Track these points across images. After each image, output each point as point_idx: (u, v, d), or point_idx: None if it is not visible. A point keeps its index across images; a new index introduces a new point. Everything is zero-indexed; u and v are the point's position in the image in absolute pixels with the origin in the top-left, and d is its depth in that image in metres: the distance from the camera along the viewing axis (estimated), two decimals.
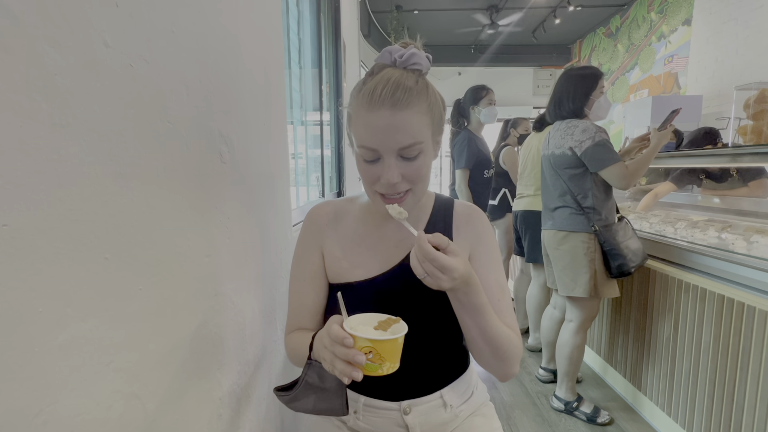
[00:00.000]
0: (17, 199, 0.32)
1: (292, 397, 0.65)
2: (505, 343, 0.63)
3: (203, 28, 0.62)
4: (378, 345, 0.49)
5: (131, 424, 0.45)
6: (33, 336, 0.33)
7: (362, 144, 0.61)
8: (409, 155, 0.60)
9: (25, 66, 0.32)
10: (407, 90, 0.58)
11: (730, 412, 1.31)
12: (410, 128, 0.59)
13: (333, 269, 0.72)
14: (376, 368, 0.50)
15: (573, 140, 1.56)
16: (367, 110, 0.59)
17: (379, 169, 0.61)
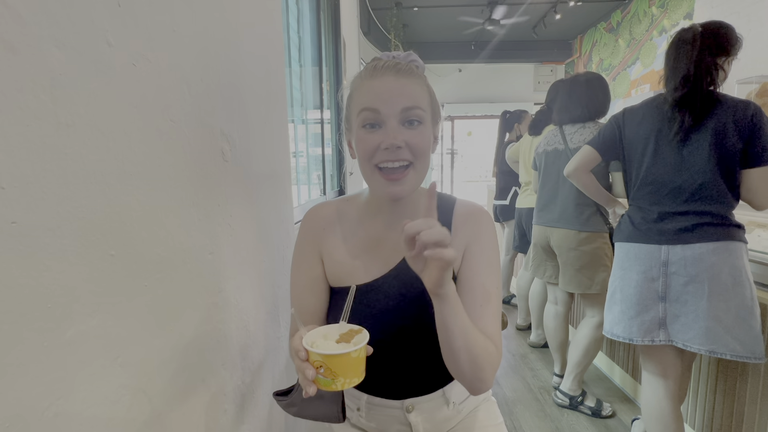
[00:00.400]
0: (25, 197, 0.32)
1: (289, 402, 0.66)
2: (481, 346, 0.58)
3: (204, 27, 0.62)
4: (328, 360, 0.48)
5: (138, 419, 0.46)
6: (42, 331, 0.34)
7: (364, 107, 0.60)
8: (412, 118, 0.61)
9: (31, 66, 0.32)
10: (408, 67, 0.63)
11: (731, 405, 1.31)
12: (413, 93, 0.61)
13: (333, 273, 0.71)
14: (330, 383, 0.48)
15: None
16: (370, 78, 0.62)
17: (379, 136, 0.60)
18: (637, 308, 1.20)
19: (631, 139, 1.27)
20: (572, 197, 1.68)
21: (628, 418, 1.70)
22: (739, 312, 1.09)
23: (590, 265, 1.65)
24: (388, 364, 0.68)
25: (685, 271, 1.13)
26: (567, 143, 1.69)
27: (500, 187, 2.88)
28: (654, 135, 1.21)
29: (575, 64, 6.69)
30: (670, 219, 1.17)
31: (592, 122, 1.67)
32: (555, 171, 1.74)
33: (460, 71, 6.92)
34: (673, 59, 1.23)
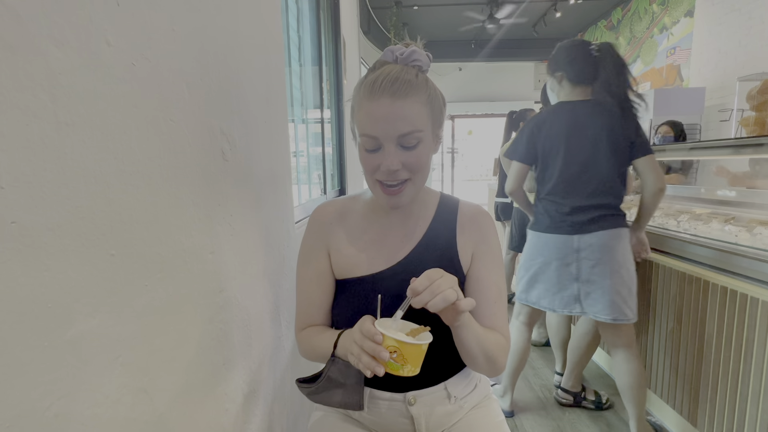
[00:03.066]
0: (25, 196, 0.32)
1: (314, 389, 0.68)
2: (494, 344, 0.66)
3: (203, 26, 0.62)
4: (403, 347, 0.52)
5: (140, 418, 0.46)
6: (43, 331, 0.34)
7: (363, 132, 0.63)
8: (409, 144, 0.62)
9: (30, 65, 0.32)
10: (406, 82, 0.61)
11: (734, 403, 1.31)
12: (409, 116, 0.61)
13: (339, 266, 0.73)
14: (398, 368, 0.53)
15: None
16: (368, 100, 0.61)
17: (379, 158, 0.62)
18: (557, 287, 1.47)
19: (545, 144, 1.46)
20: None
21: (628, 415, 1.70)
22: (630, 285, 1.43)
23: None
24: None
25: (593, 256, 1.39)
26: None
27: (502, 185, 2.87)
28: (565, 138, 1.42)
29: None
30: (579, 211, 1.41)
31: None
32: None
33: (460, 70, 6.92)
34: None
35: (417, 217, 0.73)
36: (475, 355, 0.64)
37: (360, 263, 0.72)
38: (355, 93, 0.66)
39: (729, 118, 3.21)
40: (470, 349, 0.63)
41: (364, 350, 0.54)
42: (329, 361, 0.65)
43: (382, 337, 0.52)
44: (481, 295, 0.71)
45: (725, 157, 2.27)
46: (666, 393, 1.63)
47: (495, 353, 0.66)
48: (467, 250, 0.73)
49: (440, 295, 0.52)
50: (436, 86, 0.68)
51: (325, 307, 0.75)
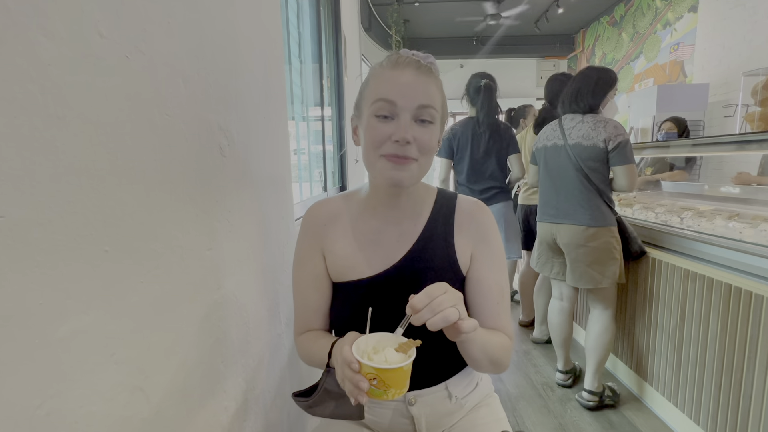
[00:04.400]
0: (14, 190, 0.31)
1: (311, 403, 0.66)
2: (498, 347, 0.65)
3: (200, 19, 0.61)
4: (382, 373, 0.50)
5: (135, 417, 0.46)
6: (33, 329, 0.33)
7: (381, 97, 0.61)
8: (425, 117, 0.62)
9: (17, 55, 0.32)
10: (427, 66, 0.64)
11: (737, 401, 1.30)
12: (430, 92, 0.62)
13: (335, 269, 0.71)
14: (381, 394, 0.51)
15: (607, 132, 1.56)
16: (391, 69, 0.62)
17: (391, 128, 0.61)
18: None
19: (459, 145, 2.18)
20: (576, 193, 1.66)
21: (634, 416, 1.69)
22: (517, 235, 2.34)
23: (600, 260, 1.64)
24: None
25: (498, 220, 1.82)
26: (566, 139, 1.67)
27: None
28: (469, 143, 2.15)
29: (578, 58, 6.64)
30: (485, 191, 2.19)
31: (591, 115, 1.64)
32: (555, 167, 1.73)
33: (461, 67, 6.88)
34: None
35: (413, 215, 0.71)
36: (479, 360, 0.63)
37: (356, 266, 0.70)
38: (372, 69, 0.66)
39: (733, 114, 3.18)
40: (475, 357, 0.62)
41: (345, 376, 0.52)
42: (324, 373, 0.63)
43: (358, 365, 0.50)
44: (482, 296, 0.69)
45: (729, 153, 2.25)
46: (669, 390, 1.62)
47: (500, 356, 0.65)
48: (466, 249, 0.70)
49: (441, 314, 0.50)
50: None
51: (323, 310, 0.73)
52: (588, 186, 1.63)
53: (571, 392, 1.88)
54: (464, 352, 0.62)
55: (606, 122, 1.59)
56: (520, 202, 2.40)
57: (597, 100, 1.64)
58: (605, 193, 1.63)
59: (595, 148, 1.58)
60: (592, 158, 1.60)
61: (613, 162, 1.58)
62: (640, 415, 1.69)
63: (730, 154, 3.20)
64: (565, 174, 1.68)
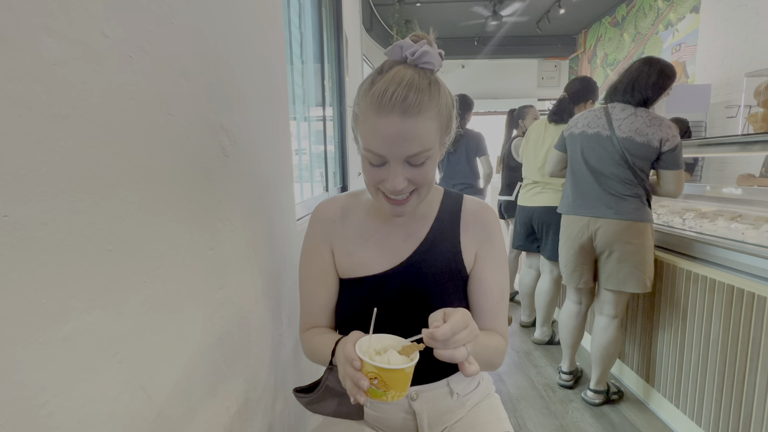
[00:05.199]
0: (18, 190, 0.31)
1: (311, 399, 0.66)
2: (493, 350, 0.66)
3: (203, 19, 0.61)
4: (383, 373, 0.49)
5: (138, 416, 0.46)
6: (37, 328, 0.33)
7: (369, 148, 0.59)
8: (417, 162, 0.59)
9: (22, 55, 0.32)
10: (420, 93, 0.55)
11: (739, 403, 1.30)
12: (419, 136, 0.56)
13: (343, 265, 0.72)
14: (381, 394, 0.51)
15: (663, 132, 1.46)
16: (375, 114, 0.56)
17: (384, 173, 0.59)
18: None
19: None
20: (620, 186, 1.53)
21: (636, 418, 1.69)
22: None
23: (646, 261, 1.55)
24: None
25: None
26: (613, 129, 1.53)
27: (506, 183, 2.84)
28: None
29: (579, 59, 6.63)
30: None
31: (644, 109, 1.52)
32: (596, 156, 1.58)
33: (463, 67, 6.89)
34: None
35: (420, 216, 0.72)
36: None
37: (364, 263, 0.71)
38: (360, 98, 0.60)
39: (736, 115, 3.17)
40: None
41: (346, 374, 0.51)
42: (327, 370, 0.63)
43: (360, 363, 0.50)
44: (483, 296, 0.70)
45: (732, 154, 2.24)
46: (671, 392, 1.62)
47: (494, 360, 0.67)
48: (471, 249, 0.71)
49: (453, 351, 0.50)
50: (447, 90, 0.62)
51: (330, 306, 0.74)
52: (633, 180, 1.52)
53: (573, 393, 1.88)
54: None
55: (662, 121, 1.48)
56: (521, 204, 2.32)
57: (655, 93, 1.51)
58: (648, 191, 1.54)
59: (648, 146, 1.47)
60: (642, 156, 1.49)
61: (664, 165, 1.49)
62: (641, 416, 1.69)
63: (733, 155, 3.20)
64: (609, 165, 1.55)
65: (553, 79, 6.95)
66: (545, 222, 2.18)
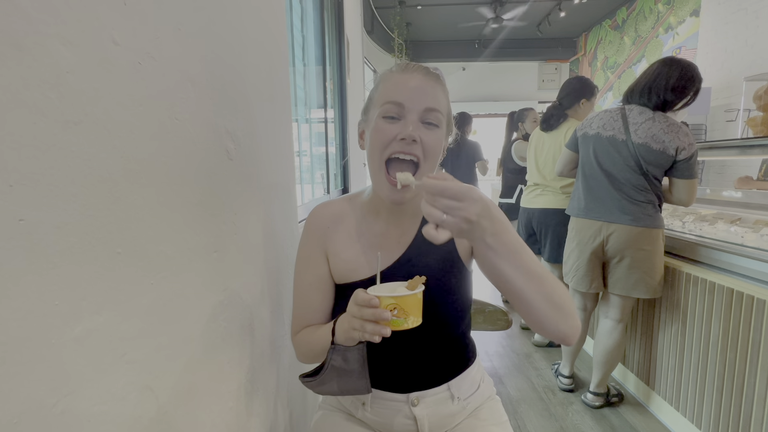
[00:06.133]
0: (33, 194, 0.32)
1: (319, 381, 0.67)
2: (554, 283, 0.55)
3: (209, 26, 0.62)
4: (401, 301, 0.54)
5: (145, 416, 0.46)
6: (50, 328, 0.34)
7: (389, 99, 0.64)
8: (430, 120, 0.63)
9: (37, 63, 0.33)
10: (436, 73, 0.67)
11: (739, 405, 1.30)
12: (437, 97, 0.64)
13: (338, 270, 0.73)
14: (402, 323, 0.55)
15: (680, 141, 1.42)
16: (401, 72, 0.65)
17: (398, 127, 0.63)
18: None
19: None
20: (634, 192, 1.51)
21: (636, 420, 1.69)
22: None
23: (657, 267, 1.54)
24: (393, 356, 0.70)
25: None
26: (629, 134, 1.49)
27: (506, 186, 2.85)
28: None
29: (580, 62, 6.65)
30: None
31: (661, 114, 1.47)
32: (609, 160, 1.54)
33: (463, 70, 6.91)
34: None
35: (412, 215, 0.73)
36: (529, 293, 0.52)
37: (359, 267, 0.71)
38: (382, 75, 0.68)
39: (735, 118, 3.18)
40: (517, 285, 0.52)
41: (365, 319, 0.54)
42: (330, 350, 0.64)
43: (378, 301, 0.53)
44: None
45: (732, 158, 2.25)
46: (671, 394, 1.62)
47: (562, 298, 0.54)
48: (466, 244, 0.72)
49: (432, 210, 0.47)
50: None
51: (325, 311, 0.74)
52: (647, 187, 1.49)
53: (573, 396, 1.88)
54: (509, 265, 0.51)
55: (679, 128, 1.44)
56: (523, 205, 2.33)
57: (676, 97, 1.44)
58: (660, 197, 1.52)
59: (664, 154, 1.43)
60: (657, 163, 1.46)
61: (678, 173, 1.46)
62: (641, 418, 1.69)
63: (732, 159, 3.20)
64: (622, 170, 1.51)
65: (553, 81, 6.97)
66: (544, 224, 2.18)
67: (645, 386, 1.78)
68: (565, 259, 1.77)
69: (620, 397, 1.80)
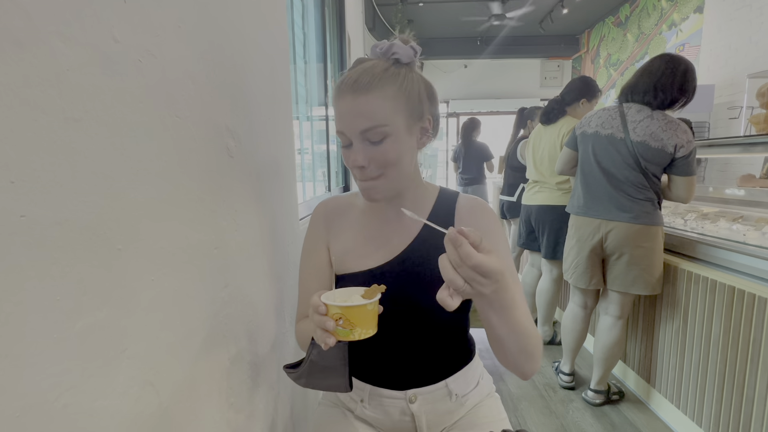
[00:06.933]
0: (34, 191, 0.33)
1: (298, 374, 0.68)
2: (532, 335, 0.57)
3: (209, 23, 0.62)
4: (346, 311, 0.53)
5: (145, 411, 0.47)
6: (52, 323, 0.34)
7: (337, 128, 0.65)
8: (373, 139, 0.62)
9: (37, 60, 0.33)
10: (372, 75, 0.61)
11: (740, 404, 1.30)
12: (371, 112, 0.61)
13: (339, 261, 0.74)
14: (348, 333, 0.53)
15: (678, 138, 1.42)
16: (336, 98, 0.64)
17: (352, 154, 0.64)
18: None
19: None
20: (632, 190, 1.52)
21: (636, 418, 1.69)
22: None
23: (656, 264, 1.54)
24: (391, 352, 0.70)
25: None
26: (628, 132, 1.50)
27: (509, 183, 2.84)
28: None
29: (582, 59, 6.61)
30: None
31: (660, 112, 1.48)
32: (608, 159, 1.55)
33: (465, 67, 6.88)
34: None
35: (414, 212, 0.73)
36: (504, 338, 0.54)
37: (358, 258, 0.72)
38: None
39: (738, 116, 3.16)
40: (500, 333, 0.53)
41: (315, 324, 0.54)
42: (310, 345, 0.64)
43: (325, 308, 0.53)
44: None
45: (735, 155, 2.24)
46: (671, 393, 1.62)
47: (532, 346, 0.56)
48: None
49: (449, 275, 0.45)
50: (419, 77, 0.66)
51: None
52: (646, 184, 1.50)
53: (573, 393, 1.89)
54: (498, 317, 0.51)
55: (678, 125, 1.45)
56: (523, 202, 2.35)
57: (683, 95, 1.45)
58: (659, 194, 1.53)
59: (663, 152, 1.44)
60: (656, 161, 1.47)
61: (677, 171, 1.46)
62: (642, 416, 1.69)
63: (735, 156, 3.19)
64: (621, 168, 1.52)
65: (555, 79, 6.94)
66: (541, 220, 2.20)
67: (645, 384, 1.78)
68: (565, 256, 1.78)
69: (621, 394, 1.81)
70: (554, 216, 2.11)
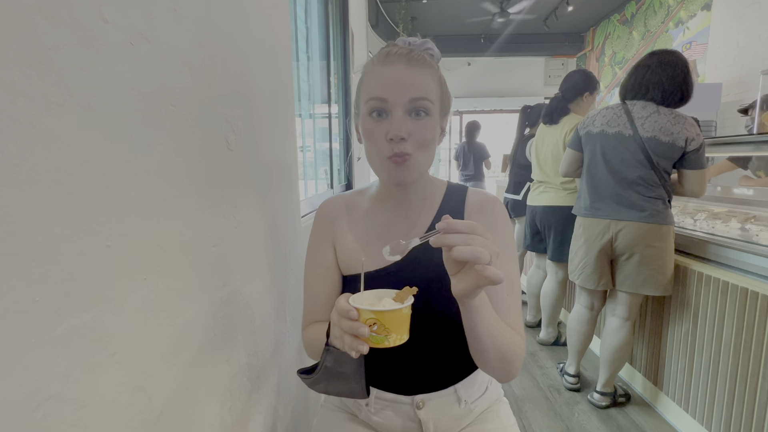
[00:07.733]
0: (9, 181, 0.30)
1: (313, 380, 0.64)
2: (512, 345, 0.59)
3: (207, 10, 0.59)
4: (381, 316, 0.48)
5: (137, 418, 0.44)
6: (30, 327, 0.31)
7: (372, 95, 0.60)
8: (419, 108, 0.60)
9: (14, 36, 0.30)
10: (421, 56, 0.62)
11: (752, 408, 1.27)
12: (422, 84, 0.60)
13: (345, 261, 0.72)
14: (382, 340, 0.49)
15: (688, 131, 1.41)
16: (381, 65, 0.61)
17: (386, 125, 0.60)
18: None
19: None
20: (642, 188, 1.48)
21: (643, 421, 1.66)
22: None
23: (668, 264, 1.51)
24: (398, 357, 0.67)
25: None
26: (636, 129, 1.48)
27: (515, 182, 2.81)
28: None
29: (587, 57, 6.56)
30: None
31: (666, 107, 1.47)
32: (617, 157, 1.52)
33: (469, 65, 6.84)
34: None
35: (422, 208, 0.70)
36: (485, 349, 0.56)
37: (366, 259, 0.69)
38: (366, 63, 0.65)
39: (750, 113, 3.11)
40: (481, 340, 0.55)
41: (344, 330, 0.50)
42: (324, 351, 0.61)
43: (357, 313, 0.49)
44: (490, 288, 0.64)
45: (742, 154, 2.20)
46: (680, 396, 1.59)
47: (511, 354, 0.59)
48: None
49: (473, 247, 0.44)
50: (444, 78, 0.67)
51: (331, 303, 0.72)
52: (657, 182, 1.47)
53: (579, 395, 1.86)
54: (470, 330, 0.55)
55: (685, 119, 1.44)
56: (528, 203, 2.32)
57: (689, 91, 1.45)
58: (670, 192, 1.50)
59: (674, 146, 1.42)
60: (667, 156, 1.44)
61: (688, 164, 1.44)
62: (649, 420, 1.66)
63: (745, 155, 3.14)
64: (632, 166, 1.49)
65: (560, 77, 6.86)
66: (546, 222, 2.16)
67: (653, 386, 1.75)
68: (571, 257, 1.74)
69: (627, 397, 1.77)
70: (559, 217, 2.07)
